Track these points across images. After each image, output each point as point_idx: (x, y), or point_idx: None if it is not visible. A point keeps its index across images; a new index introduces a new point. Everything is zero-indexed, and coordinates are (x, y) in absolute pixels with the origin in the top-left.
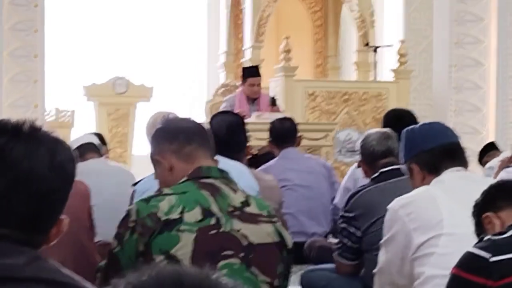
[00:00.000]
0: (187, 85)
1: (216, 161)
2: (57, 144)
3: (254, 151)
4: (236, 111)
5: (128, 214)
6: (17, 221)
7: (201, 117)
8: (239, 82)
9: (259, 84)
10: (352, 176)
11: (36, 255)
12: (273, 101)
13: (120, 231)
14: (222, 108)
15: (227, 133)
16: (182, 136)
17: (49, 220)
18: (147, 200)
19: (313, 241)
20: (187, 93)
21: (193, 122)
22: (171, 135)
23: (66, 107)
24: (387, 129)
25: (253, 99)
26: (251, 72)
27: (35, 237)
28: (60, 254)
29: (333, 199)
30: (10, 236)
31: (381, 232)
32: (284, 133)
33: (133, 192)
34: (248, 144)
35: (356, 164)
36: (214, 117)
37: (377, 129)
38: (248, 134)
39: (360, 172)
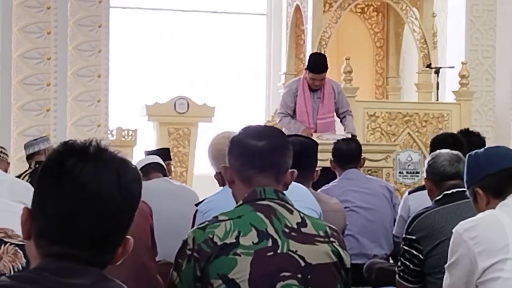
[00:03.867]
0: (248, 104)
1: (280, 184)
2: (123, 165)
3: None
4: (299, 100)
5: (185, 243)
6: (85, 241)
7: None
8: None
9: (322, 79)
10: (405, 204)
11: (103, 275)
12: (338, 96)
13: (178, 260)
14: (283, 94)
15: (300, 150)
16: (246, 157)
17: (116, 240)
18: (203, 227)
19: (372, 263)
20: (248, 113)
21: (268, 140)
22: (239, 153)
23: (128, 126)
24: (457, 152)
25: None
26: (315, 67)
27: (102, 257)
28: (122, 274)
29: (395, 221)
30: (78, 256)
31: (444, 255)
32: (349, 154)
33: (196, 211)
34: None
35: (407, 192)
36: (289, 136)
37: (447, 150)
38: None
39: (411, 199)
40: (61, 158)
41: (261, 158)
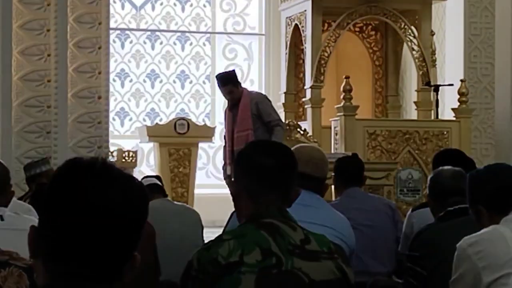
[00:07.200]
0: None
1: (286, 201)
2: (129, 181)
3: None
4: (226, 121)
5: (190, 264)
6: (92, 258)
7: None
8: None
9: (229, 93)
10: (409, 221)
11: None
12: (257, 107)
13: (184, 282)
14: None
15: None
16: (254, 174)
17: (123, 256)
18: (207, 248)
19: (375, 281)
20: None
21: (277, 158)
22: (247, 169)
23: (128, 147)
24: (460, 168)
25: (235, 103)
26: (219, 82)
27: (110, 274)
28: None
29: (397, 238)
30: (86, 274)
31: (448, 271)
32: (353, 173)
33: (233, 213)
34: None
35: (410, 210)
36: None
37: (449, 167)
38: None
39: (415, 216)
40: (67, 175)
41: (269, 176)
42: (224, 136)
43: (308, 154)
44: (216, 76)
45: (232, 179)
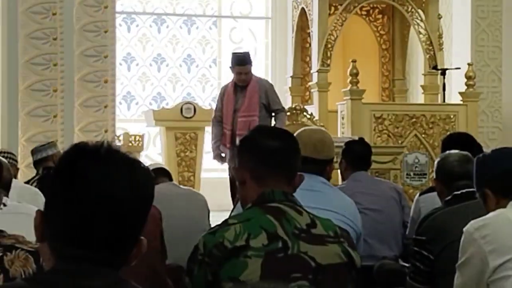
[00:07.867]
0: None
1: (290, 186)
2: (135, 165)
3: None
4: (224, 101)
5: (196, 248)
6: (99, 242)
7: None
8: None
9: (246, 73)
10: (417, 206)
11: (118, 276)
12: (266, 95)
13: (190, 266)
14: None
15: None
16: (260, 156)
17: (129, 240)
18: (213, 232)
19: (382, 264)
20: None
21: (282, 141)
22: (253, 152)
23: (135, 131)
24: (467, 152)
25: (242, 86)
26: (239, 60)
27: (116, 258)
28: (132, 278)
29: (403, 222)
30: (92, 257)
31: (454, 255)
32: (362, 156)
33: None
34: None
35: (418, 194)
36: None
37: (457, 151)
38: None
39: (422, 200)
40: (72, 160)
41: (275, 158)
42: (219, 116)
43: (307, 136)
44: (236, 54)
45: (236, 165)
